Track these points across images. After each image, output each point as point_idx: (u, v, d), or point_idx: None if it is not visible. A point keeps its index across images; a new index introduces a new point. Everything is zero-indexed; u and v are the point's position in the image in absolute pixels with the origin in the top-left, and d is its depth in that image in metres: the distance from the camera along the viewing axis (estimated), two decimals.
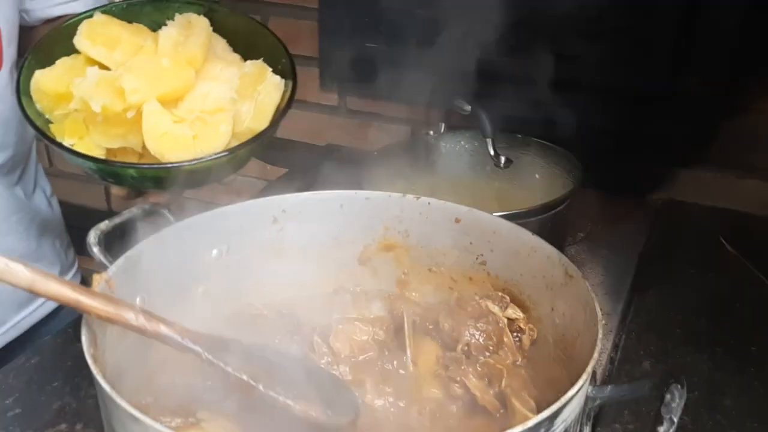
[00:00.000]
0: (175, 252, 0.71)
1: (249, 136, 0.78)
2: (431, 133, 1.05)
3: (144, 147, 0.75)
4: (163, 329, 0.55)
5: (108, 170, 0.78)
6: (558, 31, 1.13)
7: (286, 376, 0.60)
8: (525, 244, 0.72)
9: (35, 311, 1.03)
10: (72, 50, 0.78)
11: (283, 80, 0.81)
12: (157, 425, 0.47)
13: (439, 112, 1.14)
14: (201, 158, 0.73)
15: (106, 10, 0.82)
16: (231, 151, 0.75)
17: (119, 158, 0.77)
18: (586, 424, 0.57)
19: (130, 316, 0.54)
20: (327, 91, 1.46)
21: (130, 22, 0.81)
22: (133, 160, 0.77)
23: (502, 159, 0.95)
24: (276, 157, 1.24)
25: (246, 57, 0.83)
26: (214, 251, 0.76)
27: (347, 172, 0.95)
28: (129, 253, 0.66)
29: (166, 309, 0.71)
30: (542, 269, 0.70)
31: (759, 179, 1.20)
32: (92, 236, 0.69)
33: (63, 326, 1.00)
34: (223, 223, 0.75)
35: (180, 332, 0.55)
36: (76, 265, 1.15)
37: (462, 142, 1.03)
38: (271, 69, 0.81)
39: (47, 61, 0.78)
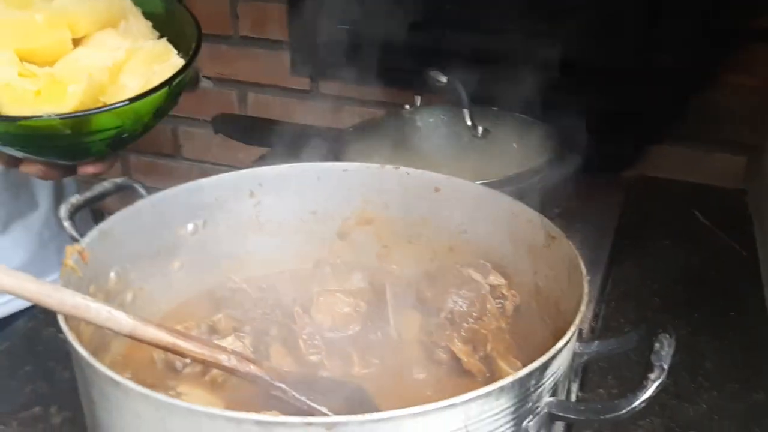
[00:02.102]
0: (149, 225, 0.70)
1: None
2: (407, 107, 1.04)
3: None
4: (253, 370, 0.56)
5: None
6: (528, 7, 1.13)
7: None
8: (505, 210, 0.71)
9: None
10: None
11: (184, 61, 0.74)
12: (137, 387, 0.45)
13: (414, 90, 1.13)
14: (37, 116, 0.66)
15: None
16: (75, 113, 0.67)
17: None
18: (574, 381, 0.56)
19: (224, 358, 0.55)
20: (298, 75, 1.45)
21: None
22: None
23: (480, 129, 0.95)
24: (244, 133, 1.22)
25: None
26: (190, 225, 0.74)
27: (322, 149, 0.94)
28: (102, 226, 0.65)
29: (142, 283, 0.70)
30: (523, 234, 0.70)
31: (729, 153, 1.22)
32: (63, 210, 0.66)
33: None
34: (198, 197, 0.74)
35: (270, 373, 0.56)
36: None
37: (439, 115, 1.02)
38: (176, 51, 0.75)
39: None
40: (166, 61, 0.74)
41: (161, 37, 0.77)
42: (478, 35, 1.16)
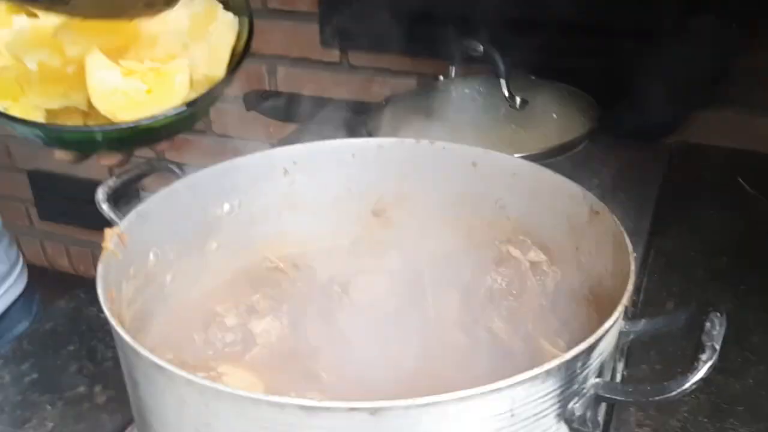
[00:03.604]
0: (186, 207, 0.69)
1: (206, 84, 0.69)
2: (441, 78, 1.02)
3: (90, 104, 0.66)
4: None
5: (53, 135, 0.68)
6: None
7: None
8: (546, 184, 0.70)
9: None
10: None
11: (236, 18, 0.72)
12: (181, 372, 0.45)
13: (447, 61, 1.11)
14: (158, 116, 0.64)
15: None
16: (192, 104, 0.66)
17: (62, 119, 0.67)
18: (620, 360, 0.55)
19: None
20: (328, 47, 1.43)
21: None
22: (78, 119, 0.68)
23: (518, 100, 0.93)
24: (277, 110, 1.21)
25: None
26: (226, 205, 0.74)
27: (355, 123, 0.92)
28: (139, 208, 0.64)
29: (180, 264, 0.70)
30: (565, 209, 0.68)
31: None
32: (100, 193, 0.67)
33: (11, 333, 0.98)
34: (233, 177, 0.73)
35: None
36: (20, 262, 1.06)
37: (475, 86, 1.00)
38: (221, 5, 0.71)
39: None
40: (215, 20, 0.70)
41: None
42: (515, 3, 1.13)
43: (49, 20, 0.64)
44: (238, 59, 0.70)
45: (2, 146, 1.93)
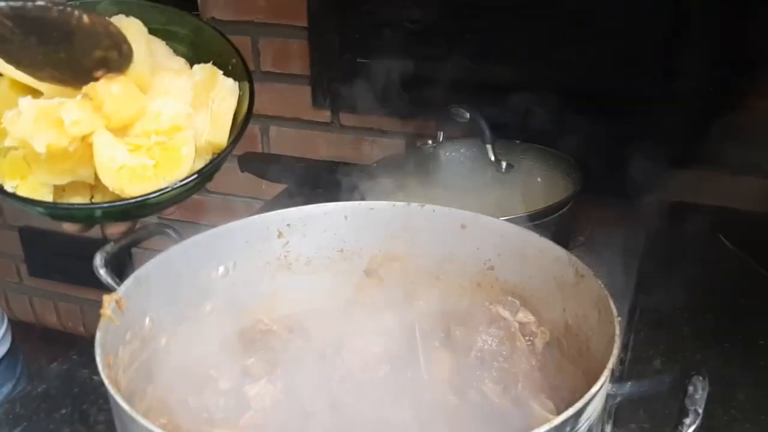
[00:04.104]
0: (182, 270, 0.71)
1: (209, 150, 0.71)
2: (429, 142, 1.05)
3: (97, 177, 0.66)
4: None
5: (63, 213, 0.69)
6: (549, 37, 1.14)
7: None
8: (533, 247, 0.72)
9: None
10: None
11: (236, 83, 0.73)
12: None
13: (434, 122, 1.14)
14: (166, 188, 0.65)
15: None
16: (199, 173, 0.67)
17: (69, 192, 0.68)
18: (607, 422, 0.56)
19: None
20: (319, 108, 1.47)
21: None
22: (85, 192, 0.69)
23: (503, 164, 0.96)
24: (273, 173, 1.24)
25: (190, 60, 0.73)
26: (221, 268, 0.75)
27: (347, 185, 0.95)
28: (137, 273, 0.66)
29: (176, 327, 0.70)
30: (552, 271, 0.70)
31: (754, 176, 1.21)
32: (98, 259, 0.68)
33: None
34: (228, 240, 0.75)
35: None
36: (5, 322, 1.05)
37: (462, 150, 1.03)
38: (221, 72, 0.72)
39: None
40: (215, 87, 0.71)
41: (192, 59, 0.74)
42: (499, 67, 1.17)
43: (54, 99, 0.64)
44: (241, 124, 0.71)
45: None
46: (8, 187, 0.65)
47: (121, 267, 0.70)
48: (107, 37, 0.63)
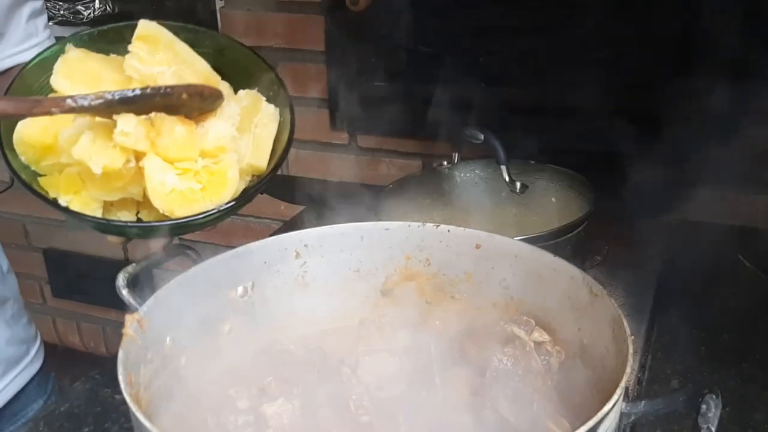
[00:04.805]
0: (202, 290, 0.72)
1: (249, 173, 0.74)
2: (444, 164, 1.07)
3: (144, 194, 0.69)
4: None
5: (112, 229, 0.73)
6: (563, 59, 1.15)
7: None
8: (547, 266, 0.72)
9: None
10: (49, 88, 0.71)
11: (278, 109, 0.77)
12: None
13: (449, 143, 1.16)
14: (212, 210, 0.69)
15: (78, 41, 0.74)
16: (243, 197, 0.71)
17: (117, 207, 0.72)
18: None
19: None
20: (337, 130, 1.49)
21: (106, 53, 0.74)
22: (132, 208, 0.73)
23: (518, 185, 0.96)
24: (291, 195, 1.25)
25: (235, 85, 0.77)
26: (240, 288, 0.76)
27: (364, 206, 0.96)
28: (158, 293, 0.67)
29: (194, 347, 0.72)
30: (566, 290, 0.70)
31: None
32: (121, 279, 0.70)
33: (27, 411, 1.01)
34: (247, 260, 0.76)
35: None
36: (38, 341, 1.10)
37: (477, 171, 1.04)
38: (264, 98, 0.76)
39: None
40: (259, 112, 0.75)
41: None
42: (512, 89, 1.18)
43: (106, 120, 0.67)
44: (283, 150, 0.75)
45: (19, 225, 1.98)
46: (62, 202, 0.69)
47: (143, 287, 0.72)
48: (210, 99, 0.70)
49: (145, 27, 0.71)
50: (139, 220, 0.73)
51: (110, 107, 0.64)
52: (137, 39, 0.70)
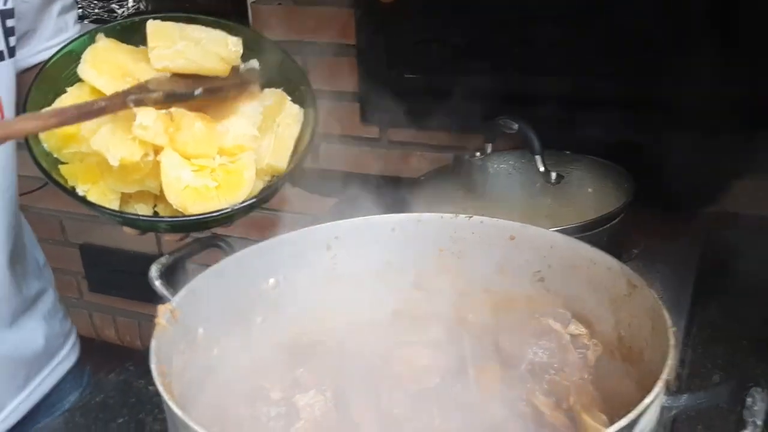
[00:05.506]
0: (234, 282, 0.72)
1: (268, 173, 0.74)
2: (477, 155, 1.05)
3: (161, 188, 0.70)
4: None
5: (128, 222, 0.73)
6: (597, 47, 1.13)
7: None
8: (583, 258, 0.71)
9: (33, 393, 0.96)
10: (75, 78, 0.71)
11: (302, 110, 0.76)
12: None
13: (481, 136, 1.14)
14: (226, 209, 0.69)
15: (108, 31, 0.75)
16: (258, 198, 0.71)
17: (134, 199, 0.73)
18: None
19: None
20: (368, 124, 1.48)
21: (136, 45, 0.74)
22: (149, 201, 0.73)
23: (553, 175, 0.95)
24: (322, 188, 1.25)
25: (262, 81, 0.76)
26: (271, 280, 0.76)
27: (395, 198, 0.95)
28: (191, 285, 0.67)
29: (227, 338, 0.72)
30: (603, 282, 0.69)
31: None
32: (154, 270, 0.70)
33: (63, 403, 1.01)
34: (279, 252, 0.76)
35: None
36: (74, 335, 1.10)
37: (510, 162, 1.03)
38: (290, 98, 0.76)
39: (51, 91, 0.72)
40: (282, 112, 0.74)
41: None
42: (546, 78, 1.16)
43: (127, 112, 0.67)
44: (306, 148, 0.75)
45: (56, 221, 2.01)
46: (80, 191, 0.70)
47: (176, 279, 0.72)
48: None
49: (154, 25, 0.71)
50: (155, 213, 0.73)
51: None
52: (151, 37, 0.70)
